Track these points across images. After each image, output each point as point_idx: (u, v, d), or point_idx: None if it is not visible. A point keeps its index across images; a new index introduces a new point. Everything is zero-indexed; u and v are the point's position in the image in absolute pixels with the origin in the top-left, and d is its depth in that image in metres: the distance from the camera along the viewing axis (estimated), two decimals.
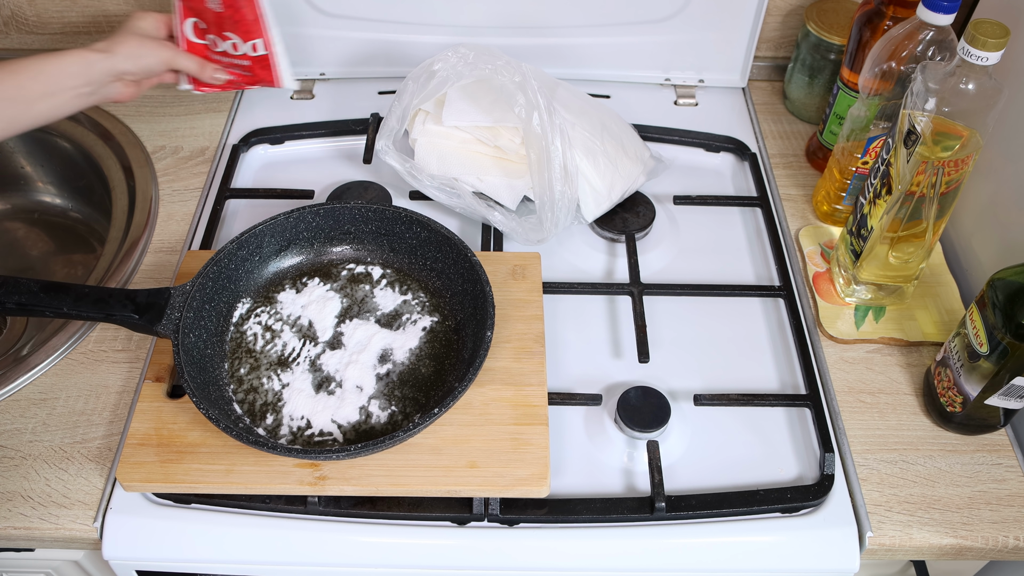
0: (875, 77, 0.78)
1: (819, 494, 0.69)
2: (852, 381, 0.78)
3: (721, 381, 0.77)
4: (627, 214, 0.89)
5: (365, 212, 0.78)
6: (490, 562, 0.67)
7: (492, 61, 0.79)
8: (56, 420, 0.73)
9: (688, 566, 0.67)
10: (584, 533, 0.67)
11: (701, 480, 0.70)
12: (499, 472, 0.65)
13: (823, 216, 0.92)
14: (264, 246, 0.77)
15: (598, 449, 0.72)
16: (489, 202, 0.85)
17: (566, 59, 1.03)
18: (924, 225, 0.74)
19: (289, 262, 0.79)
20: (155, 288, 0.71)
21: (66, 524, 0.67)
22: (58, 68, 0.74)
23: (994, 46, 0.64)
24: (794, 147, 1.00)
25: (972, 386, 0.69)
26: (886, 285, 0.81)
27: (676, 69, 1.05)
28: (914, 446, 0.73)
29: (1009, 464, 0.72)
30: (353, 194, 0.90)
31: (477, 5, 0.97)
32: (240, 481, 0.65)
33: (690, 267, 0.87)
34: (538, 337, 0.74)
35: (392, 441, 0.63)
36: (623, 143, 0.88)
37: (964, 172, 0.70)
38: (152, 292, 0.70)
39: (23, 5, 1.03)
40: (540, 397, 0.70)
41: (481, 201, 0.84)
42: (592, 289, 0.83)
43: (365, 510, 0.68)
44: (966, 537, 0.68)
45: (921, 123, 0.69)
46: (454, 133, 0.86)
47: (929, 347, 0.80)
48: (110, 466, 0.70)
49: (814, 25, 0.96)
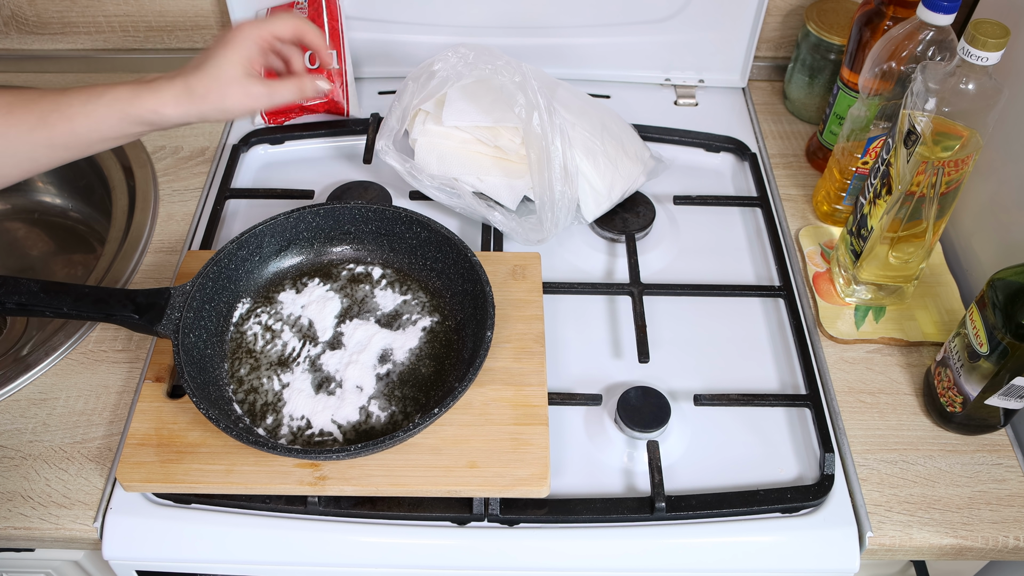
0: (875, 77, 0.78)
1: (819, 494, 0.69)
2: (852, 381, 0.78)
3: (721, 381, 0.77)
4: (627, 214, 0.89)
5: (365, 212, 0.78)
6: (490, 562, 0.67)
7: (492, 61, 0.79)
8: (56, 420, 0.73)
9: (688, 566, 0.67)
10: (584, 533, 0.67)
11: (701, 480, 0.70)
12: (499, 472, 0.65)
13: (823, 216, 0.92)
14: (264, 246, 0.77)
15: (598, 449, 0.72)
16: (489, 202, 0.85)
17: (566, 59, 1.03)
18: (924, 225, 0.74)
19: (289, 262, 0.79)
20: (155, 288, 0.71)
21: (66, 524, 0.67)
22: (122, 115, 0.63)
23: (994, 46, 0.64)
24: (794, 147, 1.00)
25: (972, 386, 0.69)
26: (886, 285, 0.81)
27: (676, 69, 1.05)
28: (914, 446, 0.73)
29: (1009, 464, 0.72)
30: (353, 194, 0.90)
31: (477, 5, 0.97)
32: (240, 481, 0.65)
33: (690, 267, 0.87)
34: (538, 337, 0.74)
35: (392, 441, 0.63)
36: (623, 143, 0.88)
37: (964, 172, 0.70)
38: (152, 292, 0.70)
39: (23, 5, 1.03)
40: (540, 397, 0.70)
41: (481, 201, 0.84)
42: (592, 289, 0.83)
43: (365, 510, 0.68)
44: (966, 537, 0.68)
45: (921, 123, 0.69)
46: (454, 133, 0.86)
47: (929, 347, 0.80)
48: (110, 466, 0.70)
49: (814, 25, 0.96)
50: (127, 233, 0.88)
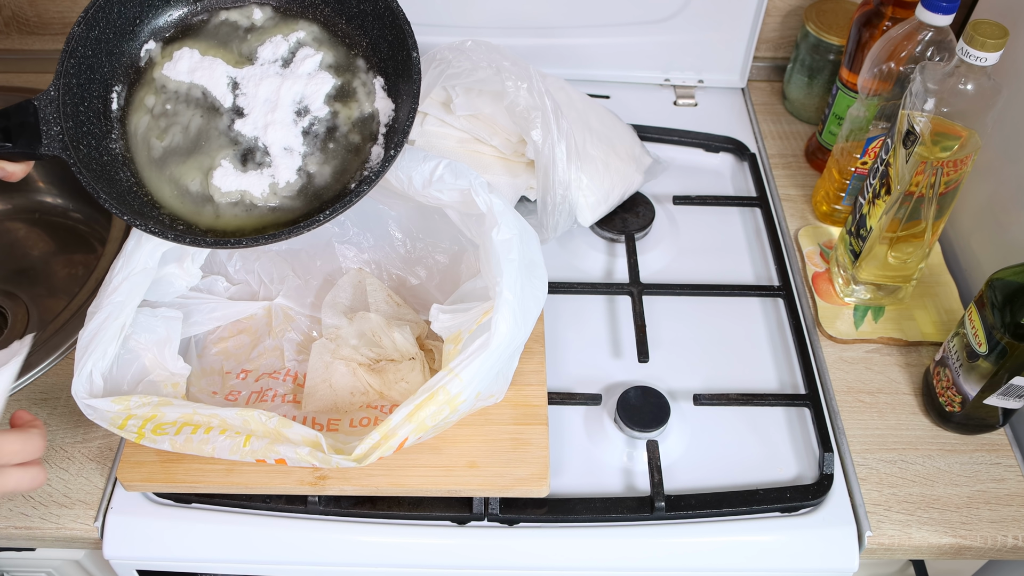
0: (874, 77, 0.78)
1: (818, 494, 0.69)
2: (851, 381, 0.78)
3: (720, 381, 0.77)
4: (627, 214, 0.89)
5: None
6: (490, 562, 0.67)
7: (498, 61, 0.78)
8: (57, 420, 0.73)
9: (688, 566, 0.67)
10: (584, 533, 0.67)
11: (700, 480, 0.70)
12: (499, 472, 0.65)
13: (822, 216, 0.92)
14: (115, 17, 0.66)
15: (598, 449, 0.72)
16: None
17: (566, 59, 1.03)
18: (923, 225, 0.75)
19: (153, 25, 0.68)
20: (15, 105, 0.60)
21: (67, 524, 0.67)
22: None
23: (993, 46, 0.64)
24: (793, 147, 1.00)
25: (971, 386, 0.69)
26: (885, 285, 0.81)
27: (676, 69, 1.05)
28: (913, 446, 0.74)
29: (1008, 464, 0.72)
30: None
31: (478, 5, 0.97)
32: (240, 481, 0.65)
33: (690, 267, 0.87)
34: (538, 337, 0.74)
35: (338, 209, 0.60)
36: (612, 142, 0.88)
37: (963, 172, 0.70)
38: (14, 110, 0.60)
39: (24, 6, 1.03)
40: (540, 397, 0.70)
41: None
42: (592, 289, 0.84)
43: (365, 510, 0.68)
44: (965, 536, 0.68)
45: (920, 123, 0.69)
46: (452, 133, 0.86)
47: (928, 347, 0.80)
48: (111, 466, 0.71)
49: (813, 26, 0.96)
50: (128, 233, 0.88)
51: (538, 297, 0.65)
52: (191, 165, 0.66)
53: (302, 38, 0.69)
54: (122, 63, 0.67)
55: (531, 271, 0.65)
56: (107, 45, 0.66)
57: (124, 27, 0.67)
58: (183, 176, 0.65)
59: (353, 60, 0.69)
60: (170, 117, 0.67)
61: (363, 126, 0.67)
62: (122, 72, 0.67)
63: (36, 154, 0.60)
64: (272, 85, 0.67)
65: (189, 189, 0.65)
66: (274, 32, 0.69)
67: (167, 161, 0.66)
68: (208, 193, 0.65)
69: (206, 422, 0.62)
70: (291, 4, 0.70)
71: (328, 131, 0.67)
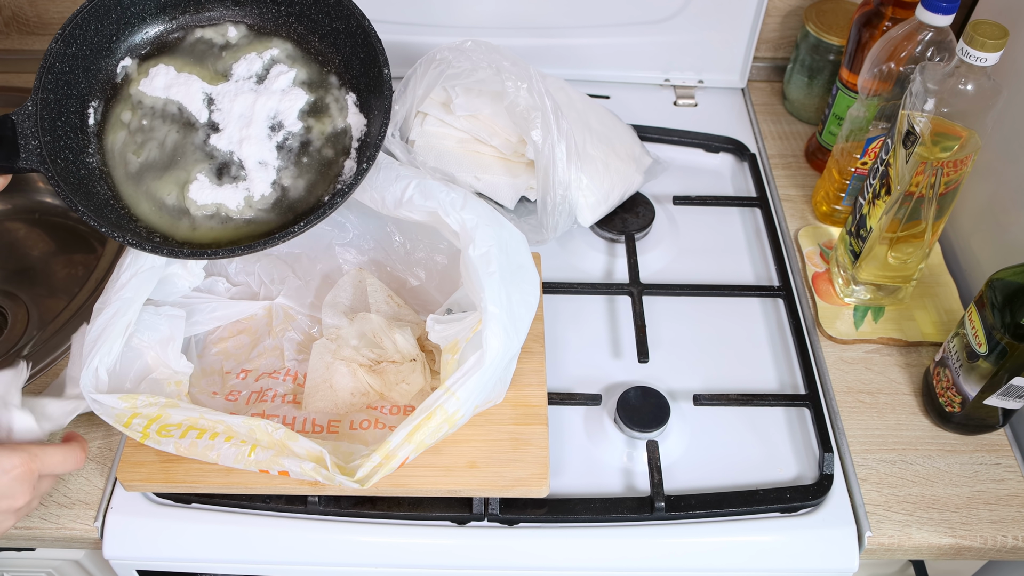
0: (874, 78, 0.78)
1: (818, 494, 0.69)
2: (851, 381, 0.78)
3: (720, 381, 0.77)
4: (627, 214, 0.89)
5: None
6: (490, 562, 0.67)
7: (498, 61, 0.78)
8: None
9: (688, 566, 0.67)
10: (584, 533, 0.67)
11: (700, 480, 0.70)
12: (499, 472, 0.65)
13: (822, 216, 0.92)
14: (92, 35, 0.67)
15: (598, 449, 0.72)
16: (487, 201, 0.85)
17: (566, 59, 1.03)
18: (923, 225, 0.75)
19: (129, 42, 0.70)
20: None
21: (67, 524, 0.67)
22: None
23: (993, 47, 0.64)
24: (793, 148, 1.00)
25: (971, 386, 0.69)
26: (885, 285, 0.81)
27: (676, 70, 1.05)
28: (913, 446, 0.74)
29: (1008, 464, 0.72)
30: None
31: (478, 6, 0.97)
32: (240, 481, 0.65)
33: (689, 267, 0.87)
34: (538, 337, 0.74)
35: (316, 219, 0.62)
36: (612, 143, 0.88)
37: (963, 172, 0.70)
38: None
39: (24, 6, 1.03)
40: (540, 397, 0.70)
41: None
42: (592, 289, 0.84)
43: (365, 510, 0.68)
44: (965, 537, 0.68)
45: (920, 124, 0.69)
46: (452, 133, 0.86)
47: (928, 347, 0.80)
48: (111, 466, 0.71)
49: (813, 26, 0.96)
50: None
51: (529, 302, 0.65)
52: (167, 179, 0.67)
53: (276, 55, 0.70)
54: (99, 79, 0.69)
55: (517, 276, 0.65)
56: (84, 61, 0.67)
57: (101, 44, 0.68)
58: (160, 190, 0.67)
59: (326, 77, 0.71)
60: (146, 132, 0.68)
61: (336, 141, 0.69)
62: (99, 88, 0.69)
63: (14, 167, 0.61)
64: (247, 101, 0.68)
65: (166, 202, 0.67)
66: (248, 50, 0.71)
67: (144, 176, 0.67)
68: (184, 206, 0.67)
69: (211, 427, 0.62)
70: (265, 22, 0.72)
71: (302, 145, 0.68)
